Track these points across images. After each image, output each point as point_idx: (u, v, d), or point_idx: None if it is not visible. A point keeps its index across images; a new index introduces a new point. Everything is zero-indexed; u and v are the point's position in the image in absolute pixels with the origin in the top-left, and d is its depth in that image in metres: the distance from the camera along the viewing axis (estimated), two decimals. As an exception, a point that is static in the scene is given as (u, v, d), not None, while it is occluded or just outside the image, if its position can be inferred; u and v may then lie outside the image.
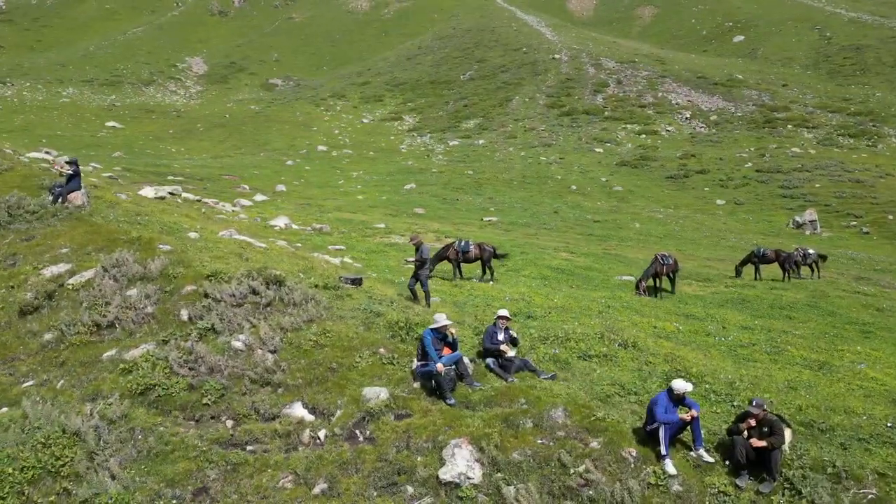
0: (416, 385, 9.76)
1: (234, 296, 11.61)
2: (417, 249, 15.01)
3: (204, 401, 9.36)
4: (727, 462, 8.41)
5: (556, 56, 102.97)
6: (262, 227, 29.99)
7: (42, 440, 8.44)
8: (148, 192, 22.71)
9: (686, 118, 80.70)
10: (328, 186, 57.72)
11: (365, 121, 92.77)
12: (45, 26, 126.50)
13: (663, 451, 8.30)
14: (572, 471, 8.18)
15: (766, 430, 8.31)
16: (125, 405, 9.17)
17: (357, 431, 8.96)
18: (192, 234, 16.50)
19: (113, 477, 8.04)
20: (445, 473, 8.14)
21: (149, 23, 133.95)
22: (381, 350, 10.54)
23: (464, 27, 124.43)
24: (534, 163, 68.08)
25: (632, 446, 8.54)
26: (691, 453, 8.64)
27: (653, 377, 11.26)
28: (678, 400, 8.72)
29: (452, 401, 9.38)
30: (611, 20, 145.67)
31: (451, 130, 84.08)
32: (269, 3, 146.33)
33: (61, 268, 12.67)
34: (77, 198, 15.95)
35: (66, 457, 8.30)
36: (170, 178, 50.45)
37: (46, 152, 58.35)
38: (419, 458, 8.43)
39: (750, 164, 61.32)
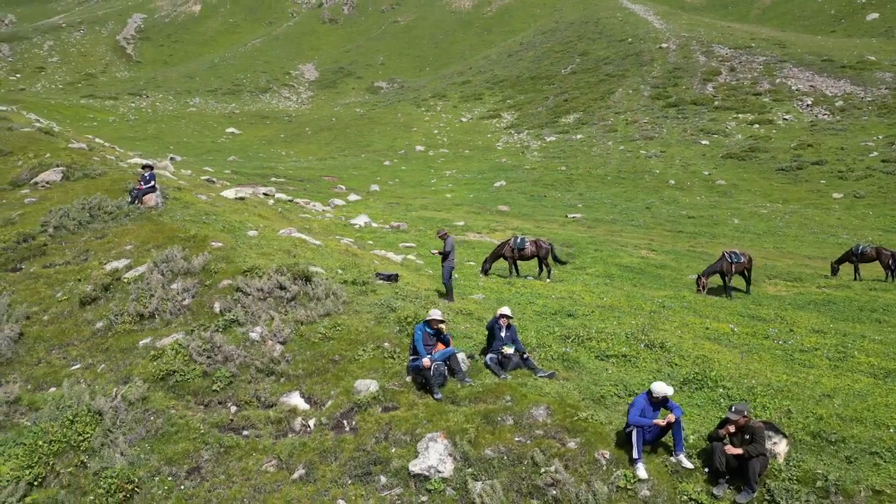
0: (409, 379, 9.93)
1: (261, 290, 12.33)
2: (445, 242, 15.25)
3: (214, 387, 10.08)
4: (706, 469, 7.89)
5: (664, 45, 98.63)
6: (341, 226, 31.32)
7: (70, 417, 9.48)
8: (229, 193, 24.41)
9: (807, 105, 74.46)
10: (420, 185, 58.88)
11: (463, 119, 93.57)
12: (176, 42, 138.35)
13: (635, 455, 7.95)
14: (542, 470, 8.03)
15: (747, 437, 7.72)
16: (146, 388, 10.07)
17: (344, 421, 9.29)
18: (252, 233, 17.59)
19: (121, 453, 8.88)
20: (415, 466, 8.27)
21: (267, 34, 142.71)
22: (386, 344, 10.81)
23: (567, 20, 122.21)
24: (632, 157, 65.68)
25: (608, 448, 8.25)
26: (672, 458, 8.19)
27: (669, 379, 10.69)
28: (658, 403, 8.30)
29: (439, 395, 9.47)
30: (726, 4, 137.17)
31: (548, 126, 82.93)
32: (376, 8, 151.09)
33: (121, 263, 14.05)
34: (151, 199, 17.54)
35: (87, 433, 9.27)
36: (273, 179, 53.71)
37: (171, 158, 63.69)
38: (395, 450, 8.62)
39: (875, 153, 55.62)
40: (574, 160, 66.10)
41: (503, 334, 10.60)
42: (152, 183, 17.76)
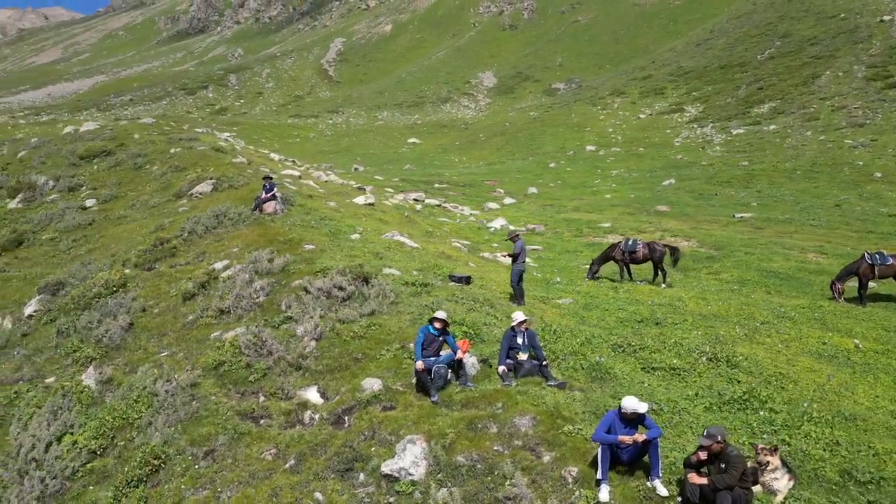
0: (414, 380, 9.92)
1: (321, 290, 13.11)
2: (514, 244, 14.85)
3: (250, 378, 10.97)
4: (679, 499, 6.84)
5: (886, 18, 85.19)
6: (475, 229, 31.75)
7: (134, 398, 10.96)
8: (359, 199, 26.05)
9: None
10: (582, 187, 57.35)
11: (641, 116, 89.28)
12: (370, 61, 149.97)
13: (598, 475, 7.18)
14: (508, 483, 7.58)
15: (723, 465, 6.55)
16: (198, 376, 11.27)
17: (345, 417, 9.58)
18: (354, 236, 18.67)
19: (159, 432, 10.07)
20: (387, 466, 8.28)
21: (450, 46, 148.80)
22: (411, 345, 10.88)
23: (766, 0, 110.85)
24: (833, 147, 57.58)
25: (579, 465, 7.56)
26: (648, 483, 7.21)
27: (716, 396, 9.41)
28: (631, 420, 7.39)
29: (436, 398, 9.35)
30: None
31: (737, 118, 75.92)
32: (555, 10, 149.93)
33: (221, 263, 15.79)
34: (270, 206, 19.43)
35: (142, 412, 10.65)
36: (436, 185, 56.01)
37: (355, 168, 68.95)
38: (376, 449, 8.71)
39: None
40: (760, 154, 59.74)
41: (520, 341, 10.13)
42: (273, 192, 19.67)
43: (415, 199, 40.47)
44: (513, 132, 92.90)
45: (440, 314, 10.12)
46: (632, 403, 7.53)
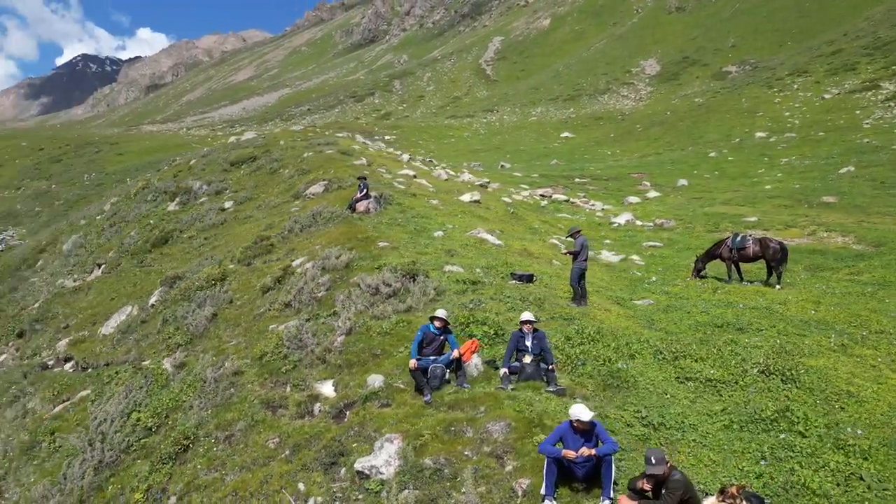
0: (418, 379, 9.73)
1: (370, 286, 13.36)
2: (575, 241, 13.91)
3: (283, 369, 11.48)
4: None
5: None
6: (596, 224, 30.32)
7: (189, 382, 12.00)
8: (465, 197, 26.02)
9: None
10: (742, 177, 52.40)
11: (826, 96, 79.43)
12: (527, 57, 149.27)
13: (543, 490, 6.54)
14: (463, 490, 7.19)
15: (664, 491, 5.61)
16: (246, 364, 12.04)
17: (346, 412, 9.67)
18: (438, 233, 18.77)
19: (195, 415, 10.93)
20: (360, 463, 8.26)
21: (610, 35, 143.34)
22: (427, 342, 10.68)
23: None
24: None
25: (534, 477, 6.96)
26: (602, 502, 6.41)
27: (742, 414, 8.16)
28: (586, 432, 6.60)
29: (428, 398, 9.13)
30: None
31: (951, 91, 64.66)
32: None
33: (301, 259, 16.68)
34: (362, 206, 20.17)
35: (189, 396, 11.63)
36: (577, 180, 54.54)
37: (501, 165, 69.63)
38: (359, 445, 8.71)
39: None
40: (976, 132, 50.16)
41: (528, 342, 9.50)
42: (365, 191, 20.41)
43: (541, 195, 39.66)
44: (673, 121, 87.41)
45: (440, 313, 9.84)
46: (577, 411, 6.79)
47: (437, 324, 9.78)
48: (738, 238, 17.51)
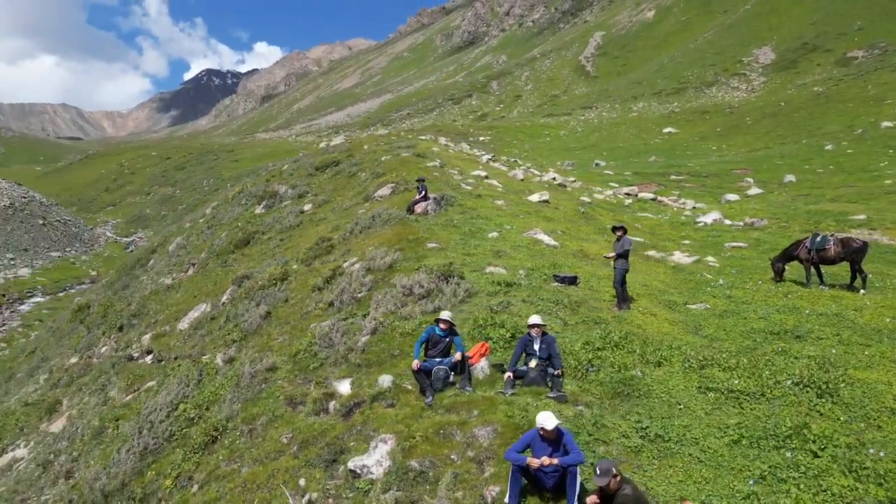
0: (428, 380, 9.65)
1: (404, 286, 13.40)
2: (618, 241, 13.17)
3: (311, 367, 11.75)
4: None
5: None
6: (678, 224, 28.78)
7: (230, 376, 12.59)
8: (534, 197, 25.49)
9: None
10: (860, 171, 47.92)
11: (971, 78, 71.08)
12: (629, 51, 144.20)
13: (506, 499, 6.24)
14: (438, 494, 7.06)
15: None
16: (282, 361, 12.45)
17: (354, 410, 9.74)
18: (492, 234, 18.55)
19: (227, 408, 11.43)
20: (353, 462, 8.32)
21: (720, 24, 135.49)
22: (443, 344, 10.56)
23: None
24: None
25: (504, 485, 6.66)
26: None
27: (759, 429, 7.44)
28: (553, 440, 6.26)
29: (430, 399, 9.04)
30: None
31: None
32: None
33: (352, 260, 17.01)
34: (420, 207, 20.29)
35: (226, 390, 12.18)
36: (672, 177, 52.18)
37: (595, 164, 67.93)
38: (356, 444, 8.78)
39: None
40: None
41: (536, 346, 9.13)
42: (423, 193, 20.53)
43: (626, 194, 38.18)
44: (787, 112, 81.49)
45: (444, 315, 9.68)
46: (541, 419, 6.50)
47: (441, 325, 9.65)
48: (819, 238, 15.96)
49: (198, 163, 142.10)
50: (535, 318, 9.52)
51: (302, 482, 8.69)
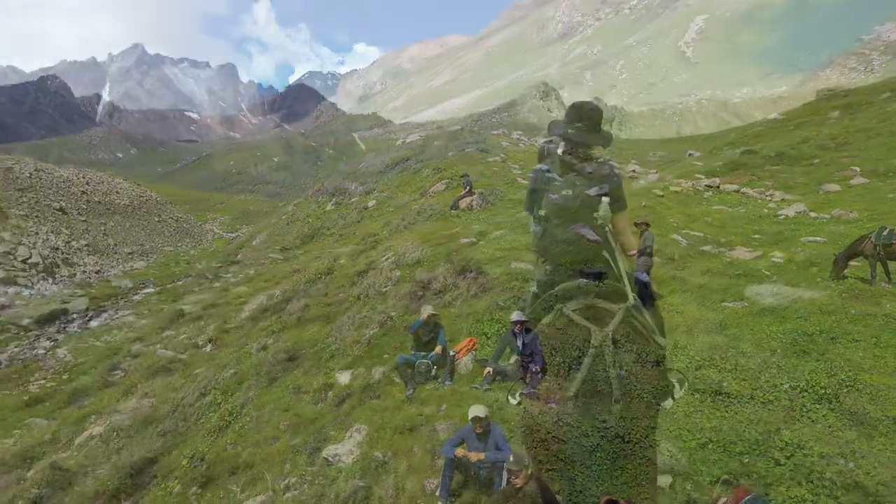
0: (417, 372, 9.74)
1: (421, 281, 13.53)
2: (641, 235, 12.56)
3: (323, 357, 12.15)
4: None
5: None
6: (753, 219, 26.87)
7: (253, 364, 13.23)
8: (593, 191, 24.70)
9: None
10: None
11: None
12: (734, 34, 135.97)
13: (438, 491, 6.19)
14: (387, 483, 7.19)
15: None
16: (301, 351, 12.93)
17: (346, 401, 9.98)
18: (536, 229, 18.22)
19: (246, 394, 12.03)
20: (327, 451, 8.56)
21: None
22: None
23: None
24: None
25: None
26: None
27: (732, 433, 7.02)
28: (481, 432, 6.25)
29: (410, 392, 9.19)
30: None
31: None
32: None
33: (388, 255, 17.30)
34: (464, 203, 20.30)
35: (250, 378, 12.81)
36: (768, 167, 48.85)
37: (689, 153, 64.69)
38: (336, 433, 9.01)
39: None
40: None
41: (519, 343, 8.94)
42: (468, 188, 20.51)
43: (707, 186, 36.12)
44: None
45: (426, 309, 9.68)
46: (472, 410, 6.49)
47: (426, 319, 9.69)
48: (886, 232, 14.48)
49: (302, 161, 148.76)
50: (517, 315, 9.33)
51: (287, 467, 9.03)
